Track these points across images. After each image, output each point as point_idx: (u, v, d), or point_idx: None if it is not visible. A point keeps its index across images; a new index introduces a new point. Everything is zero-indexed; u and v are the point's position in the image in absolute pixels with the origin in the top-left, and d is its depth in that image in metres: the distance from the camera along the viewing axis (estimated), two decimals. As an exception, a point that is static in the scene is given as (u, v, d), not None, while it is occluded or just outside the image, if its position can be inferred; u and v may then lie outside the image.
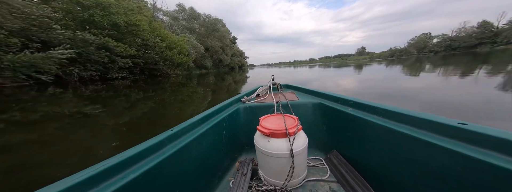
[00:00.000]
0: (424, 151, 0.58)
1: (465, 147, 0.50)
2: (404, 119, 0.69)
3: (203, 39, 36.33)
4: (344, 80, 7.73)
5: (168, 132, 0.74)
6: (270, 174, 0.83)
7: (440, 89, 4.09)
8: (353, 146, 0.94)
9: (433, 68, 9.35)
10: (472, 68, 7.58)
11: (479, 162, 0.45)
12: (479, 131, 0.49)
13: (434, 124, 0.59)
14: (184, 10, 36.05)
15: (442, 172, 0.54)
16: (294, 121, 0.83)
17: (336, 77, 9.58)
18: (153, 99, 5.11)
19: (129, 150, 0.59)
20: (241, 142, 1.22)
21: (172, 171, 0.66)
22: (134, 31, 13.07)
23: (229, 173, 1.01)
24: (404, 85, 4.99)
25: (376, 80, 6.49)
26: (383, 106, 0.80)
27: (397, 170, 0.68)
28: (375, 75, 8.83)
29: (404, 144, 0.65)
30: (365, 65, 22.08)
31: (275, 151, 0.75)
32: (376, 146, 0.79)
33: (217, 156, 0.97)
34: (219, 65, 43.20)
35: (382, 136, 0.75)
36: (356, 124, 0.89)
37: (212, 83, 10.14)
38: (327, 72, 14.67)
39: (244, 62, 69.30)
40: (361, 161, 0.88)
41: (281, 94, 1.44)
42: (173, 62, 18.33)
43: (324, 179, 0.89)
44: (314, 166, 1.00)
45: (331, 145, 1.09)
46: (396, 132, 0.68)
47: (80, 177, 0.44)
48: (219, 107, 1.13)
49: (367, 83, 6.08)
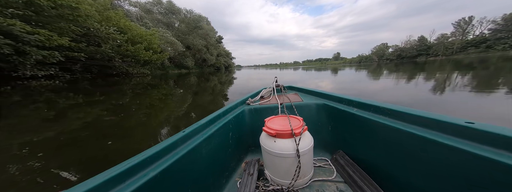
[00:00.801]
0: (432, 150, 0.58)
1: (473, 146, 0.49)
2: (410, 118, 0.68)
3: (183, 36, 32.63)
4: (323, 82, 8.53)
5: (180, 134, 0.74)
6: (276, 174, 0.82)
7: (393, 90, 5.13)
8: (359, 147, 0.92)
9: (388, 74, 11.04)
10: (413, 74, 9.20)
11: (487, 160, 0.45)
12: (487, 130, 0.48)
13: (441, 123, 0.59)
14: (160, 3, 31.88)
15: (451, 171, 0.53)
16: (299, 121, 0.83)
17: (317, 79, 10.48)
18: (100, 104, 4.05)
19: (147, 150, 0.60)
20: (247, 143, 1.22)
21: (185, 170, 0.67)
22: (68, 15, 9.46)
23: (236, 173, 1.00)
24: (367, 87, 6.02)
25: (347, 83, 7.72)
26: (389, 106, 0.80)
27: (406, 169, 0.67)
28: (346, 78, 10.27)
29: (412, 144, 0.64)
30: (339, 69, 24.16)
31: (281, 151, 0.75)
32: (383, 146, 0.77)
33: (224, 156, 0.96)
34: (203, 65, 39.83)
35: (389, 136, 0.74)
36: (361, 124, 0.88)
37: (194, 84, 9.15)
38: (309, 75, 15.61)
39: (231, 62, 67.18)
40: (368, 161, 0.86)
41: (285, 96, 1.43)
42: (138, 60, 14.74)
43: (331, 179, 0.88)
44: (320, 166, 0.99)
45: (337, 146, 1.07)
46: (403, 131, 0.67)
47: (109, 174, 0.47)
48: (225, 109, 1.12)
49: (340, 85, 6.99)
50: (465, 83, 5.28)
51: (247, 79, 12.44)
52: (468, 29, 61.34)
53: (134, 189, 0.47)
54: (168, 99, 5.05)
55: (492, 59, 22.49)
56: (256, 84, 8.11)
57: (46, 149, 1.84)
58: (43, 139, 2.11)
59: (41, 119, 2.93)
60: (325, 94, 1.28)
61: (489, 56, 37.17)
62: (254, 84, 8.66)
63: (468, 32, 61.49)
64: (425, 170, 0.60)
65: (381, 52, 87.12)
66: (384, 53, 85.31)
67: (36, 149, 1.82)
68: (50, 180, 1.31)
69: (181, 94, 5.84)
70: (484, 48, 48.57)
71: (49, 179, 1.33)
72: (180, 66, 31.46)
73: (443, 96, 3.84)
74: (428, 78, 7.02)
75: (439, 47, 61.54)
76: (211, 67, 43.56)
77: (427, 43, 68.32)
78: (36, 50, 8.00)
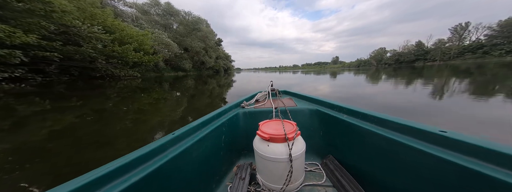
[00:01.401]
0: (411, 156, 0.60)
1: (445, 152, 0.53)
2: (393, 125, 0.72)
3: (181, 38, 32.29)
4: (322, 85, 8.38)
5: (170, 136, 0.72)
6: (268, 179, 0.81)
7: (391, 94, 5.14)
8: (347, 151, 0.95)
9: (387, 78, 10.79)
10: (412, 79, 8.99)
11: (457, 166, 0.48)
12: (457, 138, 0.52)
13: (418, 131, 0.62)
14: (158, 4, 31.83)
15: (427, 176, 0.56)
16: (293, 126, 0.83)
17: (315, 83, 10.26)
18: (76, 110, 3.57)
19: (132, 153, 0.57)
20: (240, 147, 1.19)
21: (173, 175, 0.65)
22: (40, 10, 8.23)
23: (227, 177, 0.98)
24: (366, 91, 5.83)
25: (346, 87, 7.42)
26: (375, 114, 0.82)
27: (388, 174, 0.70)
28: (345, 82, 9.95)
29: (393, 150, 0.67)
30: (338, 73, 23.62)
31: (274, 155, 0.74)
32: (368, 151, 0.80)
33: (215, 160, 0.94)
34: (202, 68, 39.19)
35: (373, 142, 0.77)
36: (350, 130, 0.90)
37: (190, 87, 8.69)
38: (308, 78, 15.23)
39: (230, 65, 66.62)
40: (355, 165, 0.88)
41: (280, 100, 1.44)
42: (126, 61, 13.70)
43: (320, 184, 0.89)
44: (311, 171, 1.00)
45: (327, 150, 1.09)
46: (386, 138, 0.70)
47: (85, 179, 0.44)
48: (219, 112, 1.10)
49: (339, 89, 6.76)
50: (462, 90, 5.19)
51: (246, 82, 12.00)
52: (465, 35, 61.55)
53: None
54: (160, 103, 4.66)
55: (489, 65, 22.70)
56: (255, 88, 7.70)
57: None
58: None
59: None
60: (318, 100, 1.29)
61: (486, 62, 37.60)
62: (254, 87, 8.35)
63: (465, 37, 61.72)
64: (405, 175, 0.63)
65: (379, 56, 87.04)
66: (382, 57, 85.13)
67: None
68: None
69: (174, 98, 5.49)
70: (481, 54, 48.49)
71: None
72: (177, 69, 30.72)
73: (442, 102, 3.78)
74: (426, 83, 6.91)
75: (437, 53, 61.60)
76: (210, 70, 42.65)
77: (424, 48, 68.44)
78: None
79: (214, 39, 41.85)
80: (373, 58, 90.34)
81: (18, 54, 7.19)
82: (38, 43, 8.28)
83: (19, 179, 1.36)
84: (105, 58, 12.17)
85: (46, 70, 10.06)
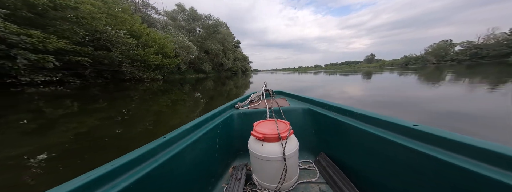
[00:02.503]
0: (392, 150, 0.63)
1: (418, 144, 0.57)
2: (375, 121, 0.75)
3: (202, 41, 33.46)
4: (350, 87, 6.95)
5: (160, 139, 0.70)
6: (264, 178, 0.82)
7: (471, 101, 3.58)
8: (338, 148, 0.98)
9: (456, 78, 8.15)
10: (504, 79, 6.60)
11: (428, 157, 0.52)
12: (427, 131, 0.56)
13: (395, 126, 0.66)
14: (183, 10, 33.60)
15: (406, 167, 0.59)
16: (286, 125, 0.84)
17: (342, 84, 8.55)
18: (97, 113, 3.50)
19: (120, 158, 0.56)
20: (235, 148, 1.20)
21: (165, 179, 0.63)
22: (72, 17, 8.60)
23: (223, 179, 0.98)
24: (423, 95, 4.44)
25: (389, 89, 6.01)
26: (360, 111, 0.86)
27: (374, 168, 0.72)
28: (387, 82, 8.11)
29: (377, 144, 0.69)
30: (374, 73, 19.91)
31: (269, 155, 0.75)
32: (356, 147, 0.83)
33: (210, 162, 0.94)
34: (220, 70, 39.99)
35: (360, 138, 0.79)
36: (339, 127, 0.93)
37: (210, 88, 8.58)
38: (333, 79, 12.88)
39: (248, 67, 66.97)
40: (345, 161, 0.91)
41: (274, 101, 1.46)
42: (148, 64, 14.07)
43: (314, 181, 0.90)
44: (305, 168, 1.02)
45: (320, 148, 1.11)
46: (370, 133, 0.72)
47: (69, 186, 0.43)
48: (213, 113, 1.10)
49: (376, 92, 5.43)
50: None
51: (269, 83, 11.36)
52: None
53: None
54: (179, 104, 4.67)
55: None
56: (273, 88, 7.30)
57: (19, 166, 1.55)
58: (16, 155, 1.75)
59: (18, 132, 2.50)
60: (309, 99, 1.32)
61: None
62: (272, 88, 7.70)
63: None
64: (389, 168, 0.65)
65: (441, 51, 67.46)
66: (447, 52, 66.09)
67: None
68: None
69: (194, 100, 5.47)
70: None
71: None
72: (198, 71, 32.11)
73: None
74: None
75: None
76: (228, 71, 43.16)
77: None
78: (24, 52, 6.93)
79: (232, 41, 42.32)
80: (431, 53, 71.39)
81: (50, 59, 7.69)
82: (72, 49, 8.85)
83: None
84: (130, 61, 12.70)
85: (84, 74, 10.94)
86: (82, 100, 5.23)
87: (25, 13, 7.42)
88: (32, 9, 7.73)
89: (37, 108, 4.12)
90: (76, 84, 10.13)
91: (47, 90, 7.36)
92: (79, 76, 10.81)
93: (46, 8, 7.74)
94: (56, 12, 8.20)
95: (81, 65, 9.98)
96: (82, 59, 9.36)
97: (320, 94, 5.58)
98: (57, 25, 8.32)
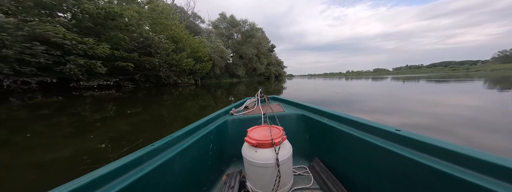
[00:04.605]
0: (378, 154, 0.65)
1: (400, 148, 0.59)
2: (363, 127, 0.78)
3: (239, 46, 34.17)
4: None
5: (148, 147, 0.67)
6: (258, 185, 0.81)
7: None
8: (330, 153, 0.99)
9: None
10: None
11: (410, 160, 0.54)
12: (407, 136, 0.59)
13: (380, 131, 0.69)
14: (225, 18, 35.51)
15: (392, 171, 0.61)
16: (279, 131, 0.84)
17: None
18: (137, 116, 3.63)
19: (102, 167, 0.53)
20: (229, 154, 1.18)
21: (151, 189, 0.61)
22: (122, 25, 9.46)
23: (216, 187, 0.96)
24: None
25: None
26: (350, 117, 0.88)
27: (364, 173, 0.74)
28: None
29: (365, 149, 0.72)
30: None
31: (262, 161, 0.74)
32: (347, 152, 0.85)
33: (203, 170, 0.92)
34: (253, 74, 39.68)
35: (349, 143, 0.82)
36: (331, 133, 0.96)
37: (241, 93, 8.32)
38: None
39: (282, 72, 64.14)
40: (338, 167, 0.92)
41: (268, 106, 1.46)
42: (183, 69, 14.30)
43: (308, 187, 0.91)
44: (300, 174, 1.02)
45: (314, 153, 1.11)
46: (357, 138, 0.75)
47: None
48: (206, 120, 1.08)
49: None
50: None
51: (299, 89, 9.91)
52: None
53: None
54: (208, 110, 4.52)
55: None
56: (310, 96, 6.50)
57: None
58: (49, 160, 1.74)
59: (56, 136, 2.52)
60: (303, 105, 1.36)
61: None
62: (308, 94, 6.88)
63: None
64: (378, 172, 0.67)
65: None
66: None
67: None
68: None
69: (220, 106, 5.01)
70: None
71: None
72: (233, 75, 32.74)
73: None
74: None
75: None
76: (260, 76, 42.26)
77: None
78: (77, 58, 7.61)
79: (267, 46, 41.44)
80: None
81: (98, 64, 8.38)
82: (121, 55, 9.63)
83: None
84: (167, 66, 13.24)
85: (136, 79, 12.09)
86: (125, 103, 5.48)
87: (87, 23, 8.40)
88: (95, 20, 8.72)
89: (82, 110, 4.31)
90: (129, 88, 11.16)
91: (103, 93, 7.90)
92: (132, 81, 12.04)
93: (105, 17, 8.60)
94: (112, 21, 9.04)
95: (127, 70, 10.87)
96: (127, 64, 10.04)
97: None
98: (109, 33, 9.20)
